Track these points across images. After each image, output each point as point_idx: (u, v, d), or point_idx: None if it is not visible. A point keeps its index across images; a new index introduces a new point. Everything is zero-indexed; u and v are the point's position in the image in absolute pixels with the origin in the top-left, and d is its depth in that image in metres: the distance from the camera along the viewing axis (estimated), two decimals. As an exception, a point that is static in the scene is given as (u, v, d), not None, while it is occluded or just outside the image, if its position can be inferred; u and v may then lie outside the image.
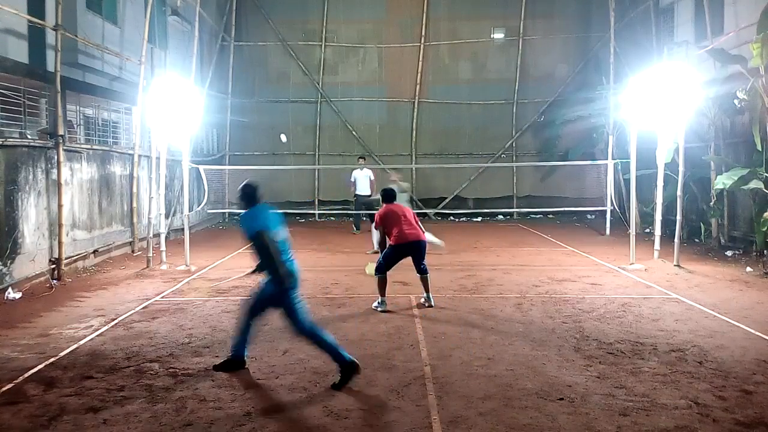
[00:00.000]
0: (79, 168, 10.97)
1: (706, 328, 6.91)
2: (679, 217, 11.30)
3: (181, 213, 13.51)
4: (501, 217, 20.38)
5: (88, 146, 11.55)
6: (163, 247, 11.19)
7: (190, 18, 16.46)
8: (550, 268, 10.96)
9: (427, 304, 8.02)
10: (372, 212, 12.27)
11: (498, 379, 5.30)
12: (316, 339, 5.41)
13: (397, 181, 12.53)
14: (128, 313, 7.71)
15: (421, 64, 20.76)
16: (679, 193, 11.50)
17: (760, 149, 11.18)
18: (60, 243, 9.86)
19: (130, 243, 12.95)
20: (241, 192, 5.58)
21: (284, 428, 4.42)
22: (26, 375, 5.45)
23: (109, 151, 12.37)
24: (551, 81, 20.63)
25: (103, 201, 11.90)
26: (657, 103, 10.41)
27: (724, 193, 12.87)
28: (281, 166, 19.17)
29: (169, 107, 10.44)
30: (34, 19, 9.84)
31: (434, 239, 8.55)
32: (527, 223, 18.75)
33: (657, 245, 11.41)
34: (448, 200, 20.73)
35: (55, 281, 9.61)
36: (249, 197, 5.53)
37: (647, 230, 14.97)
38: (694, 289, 8.99)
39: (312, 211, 20.11)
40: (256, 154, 20.28)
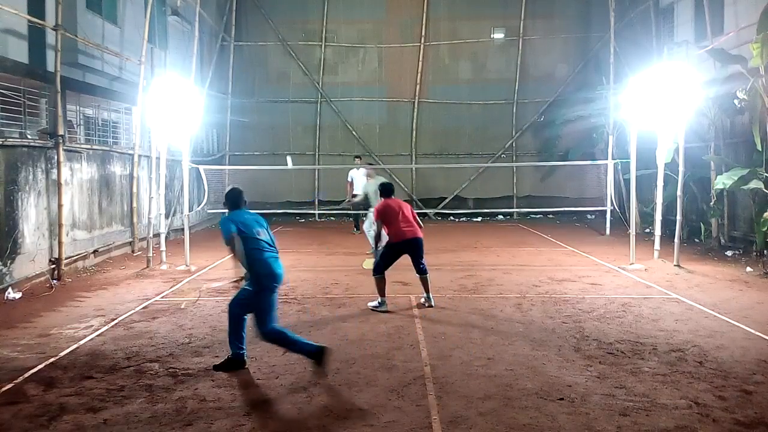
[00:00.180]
0: (79, 168, 10.97)
1: (706, 328, 6.91)
2: (679, 217, 11.30)
3: (181, 213, 13.51)
4: (501, 217, 20.38)
5: (88, 146, 11.55)
6: (163, 247, 11.20)
7: (190, 18, 16.47)
8: (550, 268, 10.96)
9: (427, 305, 8.01)
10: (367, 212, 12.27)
11: (498, 379, 5.30)
12: (280, 341, 5.51)
13: (372, 175, 12.52)
14: (128, 313, 7.72)
15: (421, 64, 20.76)
16: (679, 193, 11.50)
17: (760, 149, 11.19)
18: (60, 243, 9.86)
19: (130, 243, 12.95)
20: (225, 197, 5.91)
21: (284, 428, 4.42)
22: (26, 375, 5.45)
23: (109, 151, 12.38)
24: (551, 81, 20.63)
25: (103, 201, 11.90)
26: (657, 103, 10.41)
27: (724, 193, 12.87)
28: (281, 166, 19.16)
29: (169, 107, 10.44)
30: (34, 19, 9.84)
31: None
32: (527, 223, 18.75)
33: (657, 245, 11.42)
34: (448, 200, 20.74)
35: (55, 281, 9.61)
36: (230, 202, 5.84)
37: (647, 230, 14.97)
38: (694, 289, 8.99)
39: (312, 211, 20.11)
40: (256, 154, 20.29)
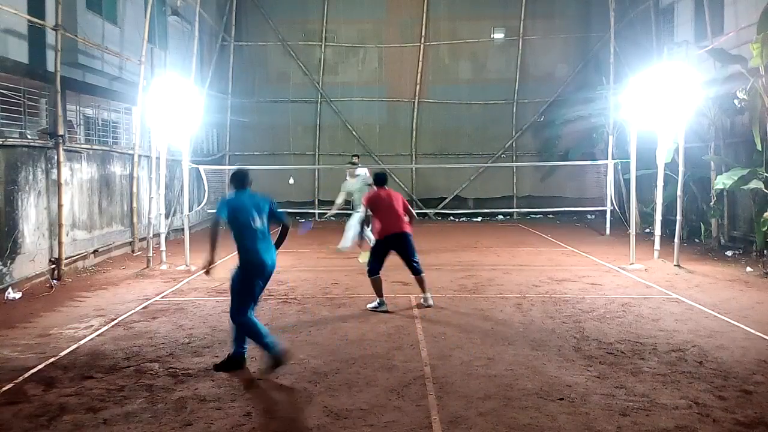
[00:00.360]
0: (79, 168, 10.97)
1: (706, 328, 6.91)
2: (679, 217, 11.30)
3: (181, 213, 13.51)
4: (501, 217, 20.39)
5: (88, 146, 11.55)
6: (163, 247, 11.20)
7: (190, 18, 16.47)
8: (550, 268, 10.96)
9: (426, 305, 7.95)
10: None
11: (498, 379, 5.30)
12: (251, 334, 5.50)
13: (353, 174, 12.47)
14: (128, 313, 7.71)
15: (421, 64, 20.77)
16: (679, 193, 11.50)
17: (760, 149, 11.19)
18: (60, 243, 9.86)
19: (130, 243, 12.95)
20: (230, 176, 5.97)
21: (284, 428, 4.42)
22: (26, 375, 5.45)
23: (109, 151, 12.38)
24: (551, 81, 20.65)
25: (103, 201, 11.90)
26: (657, 103, 10.41)
27: (724, 193, 12.88)
28: (281, 166, 19.17)
29: (169, 107, 10.44)
30: (34, 19, 9.84)
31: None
32: (527, 223, 18.75)
33: (657, 245, 11.42)
34: (448, 200, 20.75)
35: (55, 281, 9.61)
36: (234, 182, 5.88)
37: (647, 230, 14.97)
38: (694, 289, 8.99)
39: (312, 211, 20.11)
40: (256, 154, 20.30)
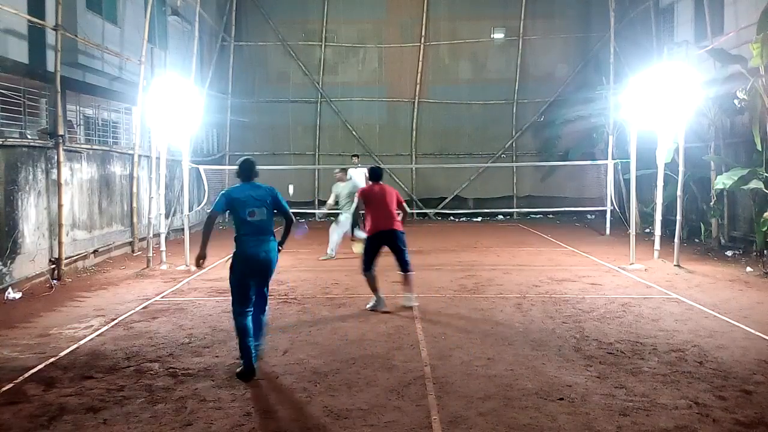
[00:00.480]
0: (79, 168, 10.97)
1: (706, 328, 6.91)
2: (679, 217, 11.30)
3: (181, 213, 13.51)
4: (501, 217, 20.39)
5: (88, 146, 11.55)
6: (163, 247, 11.20)
7: (190, 18, 16.47)
8: (550, 268, 10.96)
9: (407, 305, 7.79)
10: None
11: (498, 379, 5.30)
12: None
13: (343, 178, 12.54)
14: (128, 313, 7.71)
15: (421, 64, 20.77)
16: (679, 193, 11.50)
17: (760, 149, 11.19)
18: (60, 243, 9.86)
19: (130, 243, 12.95)
20: (237, 166, 5.86)
21: (284, 428, 4.41)
22: (26, 375, 5.45)
23: (109, 151, 12.38)
24: (551, 81, 20.64)
25: (103, 201, 11.90)
26: (657, 103, 10.41)
27: (724, 193, 12.88)
28: (281, 166, 19.17)
29: (169, 107, 10.44)
30: (34, 19, 9.84)
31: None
32: (527, 223, 18.74)
33: (657, 245, 11.42)
34: (448, 200, 20.75)
35: (55, 281, 9.61)
36: (240, 173, 5.80)
37: (647, 230, 14.97)
38: (694, 289, 8.99)
39: (312, 211, 20.11)
40: (256, 154, 20.23)
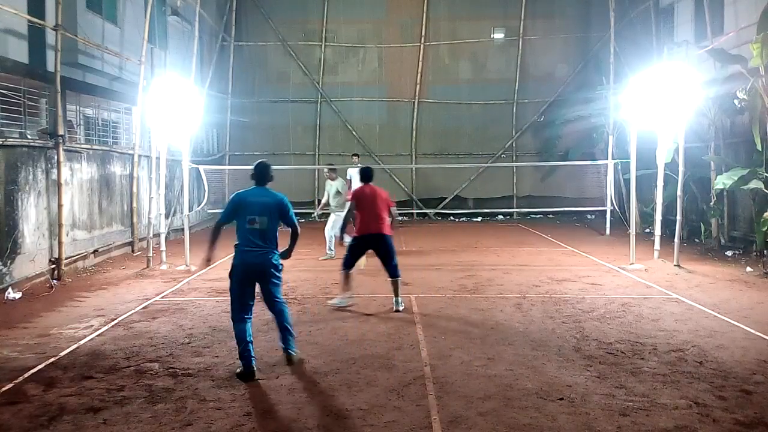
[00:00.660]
0: (79, 168, 10.97)
1: (706, 328, 6.91)
2: (679, 217, 11.30)
3: (181, 213, 13.51)
4: (501, 217, 20.39)
5: (88, 146, 11.55)
6: (163, 247, 11.20)
7: (190, 18, 16.47)
8: (550, 268, 10.96)
9: (395, 309, 7.76)
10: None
11: (498, 379, 5.30)
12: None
13: (334, 177, 12.54)
14: (128, 313, 7.71)
15: (421, 64, 20.76)
16: (679, 193, 11.51)
17: (760, 149, 11.20)
18: (60, 243, 9.86)
19: (130, 243, 12.95)
20: (253, 168, 5.88)
21: (284, 428, 4.42)
22: (26, 375, 5.45)
23: (109, 151, 12.38)
24: (551, 81, 20.64)
25: (103, 201, 11.90)
26: (657, 103, 10.41)
27: (724, 193, 12.88)
28: (281, 166, 19.13)
29: (169, 107, 10.44)
30: (34, 19, 9.84)
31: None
32: (527, 223, 18.74)
33: (657, 245, 11.41)
34: (448, 200, 20.74)
35: (55, 281, 9.61)
36: (253, 176, 5.84)
37: (647, 230, 14.97)
38: (694, 289, 8.99)
39: (312, 211, 20.08)
40: (256, 154, 20.21)
